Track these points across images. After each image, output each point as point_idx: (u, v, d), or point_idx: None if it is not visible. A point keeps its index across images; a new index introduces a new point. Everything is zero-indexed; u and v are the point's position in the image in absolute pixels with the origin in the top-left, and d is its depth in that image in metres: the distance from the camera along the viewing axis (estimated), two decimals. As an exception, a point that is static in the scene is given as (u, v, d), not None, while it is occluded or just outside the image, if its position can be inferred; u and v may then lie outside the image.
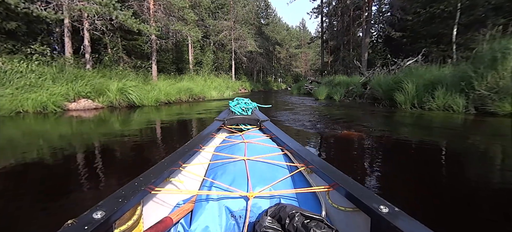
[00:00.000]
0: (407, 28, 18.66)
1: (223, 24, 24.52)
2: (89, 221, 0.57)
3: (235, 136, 1.80)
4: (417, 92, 6.13)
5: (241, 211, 0.88)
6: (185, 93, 10.46)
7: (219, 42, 24.70)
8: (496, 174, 2.07)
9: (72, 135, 3.93)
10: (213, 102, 10.45)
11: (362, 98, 9.19)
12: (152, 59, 11.30)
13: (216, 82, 17.61)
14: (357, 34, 25.21)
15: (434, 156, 2.54)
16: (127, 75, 9.36)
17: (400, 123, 4.74)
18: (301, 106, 8.32)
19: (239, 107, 2.36)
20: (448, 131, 3.89)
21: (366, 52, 19.01)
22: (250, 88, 26.35)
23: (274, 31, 43.24)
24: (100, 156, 2.67)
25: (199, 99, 11.40)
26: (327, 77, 16.32)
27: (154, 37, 11.02)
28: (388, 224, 0.59)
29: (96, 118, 5.69)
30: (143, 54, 12.47)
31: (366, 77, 9.53)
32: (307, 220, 0.67)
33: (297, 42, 54.58)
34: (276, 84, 41.48)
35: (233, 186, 0.96)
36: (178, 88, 10.21)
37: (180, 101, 10.03)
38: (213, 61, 22.57)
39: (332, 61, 26.07)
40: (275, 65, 43.75)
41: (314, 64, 50.37)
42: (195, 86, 12.28)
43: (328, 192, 0.94)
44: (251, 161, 1.18)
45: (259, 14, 37.09)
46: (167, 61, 16.08)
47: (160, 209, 0.94)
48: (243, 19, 27.04)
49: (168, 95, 9.15)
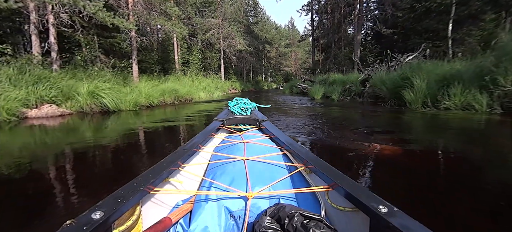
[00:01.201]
0: (398, 25, 18.46)
1: (211, 22, 23.51)
2: (88, 221, 0.57)
3: (234, 136, 1.77)
4: (429, 89, 5.51)
5: (240, 211, 0.87)
6: (170, 95, 9.50)
7: (207, 41, 23.68)
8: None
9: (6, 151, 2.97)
10: (202, 104, 9.54)
11: (361, 97, 8.57)
12: (132, 58, 10.24)
13: (204, 82, 16.66)
14: (348, 31, 24.89)
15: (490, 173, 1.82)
16: (103, 76, 8.31)
17: (432, 127, 4.05)
18: (298, 107, 7.58)
19: (238, 107, 2.34)
20: (487, 138, 3.22)
21: (358, 49, 18.60)
22: (241, 88, 25.49)
23: (263, 30, 42.57)
24: (34, 179, 1.78)
25: (185, 101, 10.45)
26: (321, 75, 15.72)
27: (134, 34, 9.97)
28: (387, 224, 0.58)
29: (54, 128, 4.69)
30: (123, 53, 11.36)
31: (365, 74, 8.92)
32: (306, 220, 0.66)
33: (287, 41, 54.18)
34: (266, 84, 40.79)
35: (233, 186, 0.96)
36: (162, 90, 9.23)
37: (164, 104, 9.06)
38: (201, 61, 21.55)
39: (324, 59, 25.62)
40: (265, 64, 43.05)
41: (305, 62, 50.14)
42: (182, 87, 11.31)
43: (327, 192, 0.93)
44: (250, 161, 1.17)
45: (248, 12, 36.24)
46: (151, 61, 14.96)
47: (159, 209, 0.94)
48: (231, 17, 26.11)
49: (150, 97, 8.17)
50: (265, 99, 12.52)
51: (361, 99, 8.33)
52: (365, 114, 5.67)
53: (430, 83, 5.59)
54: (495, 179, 1.84)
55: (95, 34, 10.45)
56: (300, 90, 15.02)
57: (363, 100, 8.23)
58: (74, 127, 4.88)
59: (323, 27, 26.02)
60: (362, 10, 18.68)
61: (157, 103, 8.51)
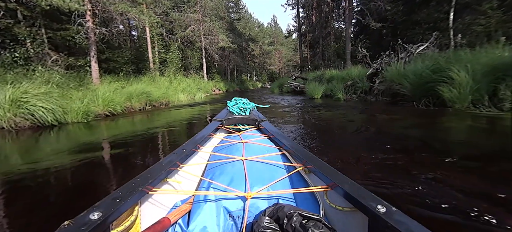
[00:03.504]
0: (388, 18, 17.71)
1: (190, 17, 21.52)
2: (86, 222, 0.56)
3: (233, 136, 1.74)
4: (477, 84, 4.23)
5: (239, 211, 0.86)
6: (139, 99, 7.65)
7: (187, 38, 21.67)
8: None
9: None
10: (181, 109, 7.78)
11: (371, 95, 7.27)
12: (90, 55, 8.24)
13: (184, 83, 14.77)
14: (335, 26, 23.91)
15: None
16: (50, 78, 6.35)
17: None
18: (300, 110, 6.10)
19: (237, 107, 2.31)
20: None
21: (350, 43, 17.58)
22: (225, 88, 23.73)
23: (246, 27, 40.97)
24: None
25: (160, 106, 8.62)
26: (314, 72, 14.41)
27: (91, 25, 7.99)
28: (385, 224, 0.58)
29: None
30: (80, 49, 9.27)
31: (373, 68, 7.64)
32: (305, 220, 0.66)
33: (270, 39, 52.93)
34: (251, 83, 39.20)
35: (231, 186, 0.95)
36: (128, 93, 7.38)
37: (132, 111, 7.20)
38: (181, 60, 19.56)
39: (312, 56, 24.48)
40: (249, 63, 41.47)
41: (290, 60, 49.21)
42: (156, 89, 9.46)
43: (326, 192, 0.92)
44: (249, 161, 1.16)
45: (229, 8, 34.49)
46: (121, 60, 12.87)
47: (158, 210, 0.92)
48: (212, 12, 24.23)
49: (110, 103, 6.30)
50: (255, 99, 10.94)
51: (372, 97, 7.01)
52: (404, 121, 4.27)
53: (475, 75, 4.32)
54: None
55: (41, 26, 8.33)
56: (292, 89, 13.62)
57: (375, 98, 6.92)
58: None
59: (310, 22, 24.85)
60: (351, 1, 17.64)
61: (121, 110, 6.66)
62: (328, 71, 12.24)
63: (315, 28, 23.66)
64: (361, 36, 21.43)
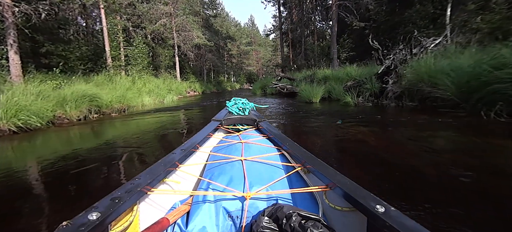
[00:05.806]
0: (371, 18, 17.03)
1: (160, 9, 19.05)
2: (84, 222, 0.55)
3: (232, 136, 1.71)
4: None
5: (238, 212, 0.85)
6: (80, 105, 5.45)
7: (158, 34, 19.15)
8: None
9: None
10: (141, 116, 5.68)
11: (385, 98, 5.86)
12: (7, 43, 5.83)
13: (152, 83, 12.47)
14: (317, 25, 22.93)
15: None
16: None
17: None
18: (301, 119, 4.45)
19: (236, 107, 2.29)
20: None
21: (336, 42, 16.50)
22: (201, 90, 21.54)
23: (223, 26, 38.91)
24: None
25: (112, 113, 6.43)
26: (302, 71, 12.97)
27: (9, 2, 5.63)
28: (384, 224, 0.57)
29: None
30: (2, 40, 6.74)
31: (384, 66, 6.25)
32: (304, 220, 0.65)
33: (248, 39, 51.35)
34: (229, 84, 37.19)
35: (230, 186, 0.93)
36: (61, 97, 5.18)
37: (65, 123, 5.00)
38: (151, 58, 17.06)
39: (294, 55, 23.24)
40: (227, 63, 39.42)
41: (269, 61, 48.03)
42: (110, 91, 7.24)
43: (325, 192, 0.91)
44: (248, 161, 1.15)
45: (205, 4, 32.22)
46: (71, 56, 10.29)
47: (157, 210, 0.90)
48: (185, 6, 21.90)
49: (21, 112, 4.10)
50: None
51: (391, 102, 5.58)
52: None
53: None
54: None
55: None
56: (277, 90, 12.00)
57: (395, 103, 5.49)
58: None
59: (292, 19, 23.59)
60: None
61: (44, 122, 4.46)
62: (319, 70, 10.84)
63: (297, 26, 22.45)
64: (344, 35, 20.60)
